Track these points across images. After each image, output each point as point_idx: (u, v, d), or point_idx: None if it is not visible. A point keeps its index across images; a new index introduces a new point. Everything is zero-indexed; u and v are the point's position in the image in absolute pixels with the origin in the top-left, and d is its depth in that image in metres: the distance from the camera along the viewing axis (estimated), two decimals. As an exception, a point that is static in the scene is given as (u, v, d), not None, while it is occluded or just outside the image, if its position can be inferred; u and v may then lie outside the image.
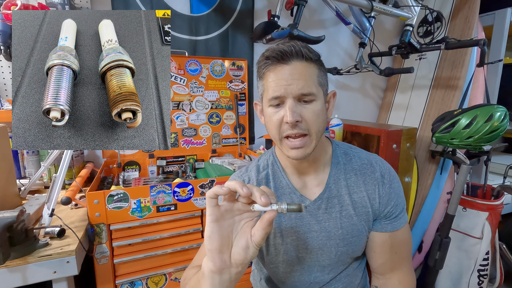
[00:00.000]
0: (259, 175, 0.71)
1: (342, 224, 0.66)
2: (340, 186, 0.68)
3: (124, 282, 1.02)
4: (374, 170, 0.68)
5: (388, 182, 0.67)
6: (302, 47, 0.59)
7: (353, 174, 0.68)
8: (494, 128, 1.18)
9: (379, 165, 0.69)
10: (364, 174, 0.68)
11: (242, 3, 1.62)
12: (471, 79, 1.59)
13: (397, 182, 0.69)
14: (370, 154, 0.72)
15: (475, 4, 1.60)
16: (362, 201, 0.67)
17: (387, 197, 0.67)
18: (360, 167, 0.69)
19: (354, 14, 1.52)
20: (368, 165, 0.69)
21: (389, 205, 0.67)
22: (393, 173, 0.70)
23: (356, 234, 0.67)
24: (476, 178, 1.81)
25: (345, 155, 0.71)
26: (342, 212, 0.67)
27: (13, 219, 0.71)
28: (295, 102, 0.58)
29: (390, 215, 0.68)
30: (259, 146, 1.74)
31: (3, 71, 1.26)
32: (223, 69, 1.58)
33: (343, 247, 0.67)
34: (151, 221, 1.03)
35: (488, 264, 1.46)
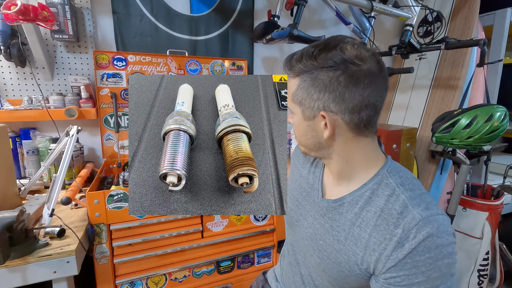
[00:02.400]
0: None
1: (326, 239, 0.61)
2: (352, 210, 0.59)
3: (124, 282, 1.02)
4: (398, 225, 0.51)
5: (410, 249, 0.49)
6: (287, 62, 0.59)
7: (373, 211, 0.55)
8: (494, 128, 1.18)
9: (416, 225, 0.49)
10: (383, 219, 0.53)
11: (242, 3, 1.62)
12: (471, 79, 1.59)
13: (430, 260, 0.48)
14: (424, 209, 0.51)
15: (475, 4, 1.60)
16: (358, 242, 0.56)
17: (394, 263, 0.50)
18: (386, 210, 0.54)
19: (354, 14, 1.52)
20: (396, 214, 0.52)
21: (395, 273, 0.51)
22: (431, 246, 0.48)
23: (332, 259, 0.60)
24: (476, 178, 1.81)
25: (387, 187, 0.56)
26: (333, 231, 0.61)
27: (13, 219, 0.71)
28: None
29: (395, 286, 0.51)
30: (259, 146, 1.73)
31: (3, 71, 1.26)
32: (223, 69, 1.57)
33: (318, 258, 0.63)
34: (151, 221, 1.03)
35: (488, 264, 1.46)
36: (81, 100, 1.31)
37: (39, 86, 1.29)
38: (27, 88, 1.31)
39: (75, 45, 1.35)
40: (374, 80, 0.53)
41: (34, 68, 1.28)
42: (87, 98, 1.31)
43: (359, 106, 0.53)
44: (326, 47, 0.54)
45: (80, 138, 1.39)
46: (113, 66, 1.35)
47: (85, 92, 1.31)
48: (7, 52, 1.17)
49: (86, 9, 1.34)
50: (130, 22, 1.42)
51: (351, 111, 0.54)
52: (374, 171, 0.59)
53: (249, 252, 1.21)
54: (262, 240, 1.24)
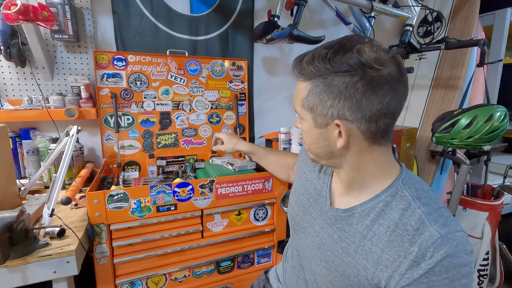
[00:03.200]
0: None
1: (335, 250, 0.59)
2: (362, 222, 0.55)
3: (124, 282, 1.02)
4: (414, 242, 0.48)
5: (427, 269, 0.46)
6: (296, 64, 0.55)
7: (386, 225, 0.52)
8: (494, 128, 1.18)
9: (434, 244, 0.46)
10: (397, 235, 0.50)
11: (242, 3, 1.62)
12: (471, 79, 1.59)
13: (447, 280, 0.45)
14: (442, 226, 0.48)
15: (475, 4, 1.60)
16: (369, 256, 0.52)
17: (409, 282, 0.47)
18: (400, 224, 0.51)
19: (354, 14, 1.52)
20: (412, 231, 0.49)
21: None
22: (449, 267, 0.45)
23: (340, 271, 0.57)
24: (476, 178, 1.81)
25: (402, 199, 0.53)
26: (342, 243, 0.57)
27: (13, 219, 0.71)
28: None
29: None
30: (259, 146, 1.74)
31: (3, 71, 1.26)
32: (223, 69, 1.57)
33: (325, 269, 0.61)
34: (151, 221, 1.03)
35: (488, 264, 1.46)
36: (81, 100, 1.31)
37: (39, 86, 1.29)
38: (27, 88, 1.31)
39: (75, 45, 1.35)
40: (394, 87, 0.49)
41: (34, 68, 1.28)
42: (87, 98, 1.31)
43: (377, 114, 0.49)
44: (342, 48, 0.50)
45: (80, 138, 1.39)
46: (113, 66, 1.35)
47: (85, 92, 1.31)
48: (7, 52, 1.17)
49: (86, 9, 1.34)
50: (130, 22, 1.42)
51: (368, 119, 0.50)
52: (388, 182, 0.56)
53: (249, 252, 1.21)
54: (262, 240, 1.24)
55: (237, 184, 1.13)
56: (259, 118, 1.78)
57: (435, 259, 0.46)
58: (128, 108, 1.40)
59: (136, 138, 1.43)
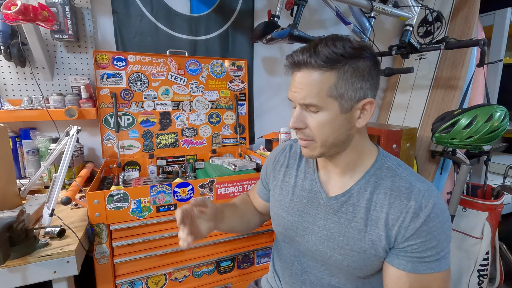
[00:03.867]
0: (297, 149, 0.79)
1: (347, 233, 0.63)
2: (362, 198, 0.63)
3: (124, 282, 1.02)
4: (410, 198, 0.58)
5: (424, 217, 0.56)
6: (316, 55, 0.55)
7: (383, 192, 0.61)
8: (494, 128, 1.18)
9: (423, 195, 0.58)
10: (396, 197, 0.60)
11: (242, 3, 1.62)
12: (471, 79, 1.59)
13: (439, 224, 0.56)
14: (421, 181, 0.61)
15: (475, 4, 1.60)
16: (379, 223, 0.60)
17: (412, 232, 0.56)
18: (395, 188, 0.60)
19: (354, 14, 1.52)
20: (405, 190, 0.59)
21: (413, 241, 0.57)
22: (438, 211, 0.57)
23: (356, 250, 0.62)
24: (476, 178, 1.81)
25: (387, 170, 0.63)
26: (352, 223, 0.63)
27: (13, 219, 0.71)
28: (302, 109, 0.61)
29: (412, 252, 0.57)
30: (259, 146, 1.74)
31: (3, 71, 1.26)
32: (223, 69, 1.58)
33: (339, 255, 0.64)
34: (151, 221, 1.03)
35: (488, 264, 1.46)
36: (81, 100, 1.31)
37: (39, 86, 1.29)
38: (27, 88, 1.31)
39: (75, 45, 1.35)
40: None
41: (34, 68, 1.28)
42: (87, 98, 1.31)
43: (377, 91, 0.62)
44: (350, 41, 0.57)
45: (80, 138, 1.39)
46: (113, 66, 1.35)
47: (85, 92, 1.31)
48: (7, 52, 1.17)
49: (86, 9, 1.34)
50: (130, 22, 1.42)
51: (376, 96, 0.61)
52: (373, 158, 0.66)
53: (249, 252, 1.21)
54: (262, 240, 1.24)
55: (237, 184, 1.13)
56: (259, 118, 1.78)
57: (428, 208, 0.57)
58: (128, 108, 1.40)
59: (136, 138, 1.43)
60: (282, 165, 0.79)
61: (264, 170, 0.85)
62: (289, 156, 0.80)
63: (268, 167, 0.83)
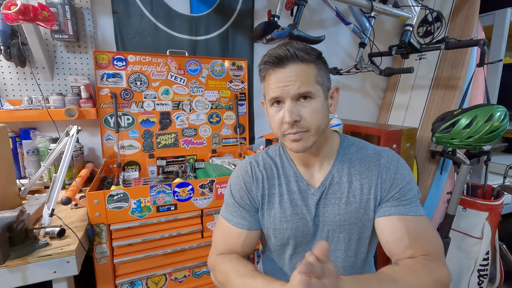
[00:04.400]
0: (268, 160, 0.77)
1: (340, 210, 0.68)
2: (343, 174, 0.70)
3: (124, 282, 1.02)
4: (379, 157, 0.69)
5: (394, 167, 0.67)
6: (297, 50, 0.62)
7: (357, 163, 0.70)
8: (494, 128, 1.18)
9: (387, 154, 0.70)
10: (369, 161, 0.69)
11: (242, 3, 1.62)
12: (471, 79, 1.59)
13: (407, 170, 0.69)
14: (380, 147, 0.73)
15: (475, 4, 1.60)
16: (363, 188, 0.68)
17: (391, 182, 0.67)
18: (365, 156, 0.70)
19: (354, 14, 1.52)
20: (374, 154, 0.70)
21: (393, 191, 0.66)
22: (401, 162, 0.69)
23: (353, 222, 0.68)
24: (476, 178, 1.81)
25: (352, 145, 0.73)
26: (342, 199, 0.68)
27: (13, 219, 0.71)
28: (293, 102, 0.63)
29: (395, 199, 0.66)
30: (259, 146, 1.74)
31: (3, 71, 1.26)
32: (223, 69, 1.57)
33: (340, 233, 0.69)
34: (151, 221, 1.03)
35: (488, 264, 1.46)
36: (81, 100, 1.31)
37: (39, 86, 1.29)
38: (27, 88, 1.31)
39: (75, 45, 1.35)
40: None
41: (34, 68, 1.28)
42: (87, 98, 1.31)
43: None
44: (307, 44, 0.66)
45: (80, 138, 1.39)
46: (113, 66, 1.35)
47: (85, 92, 1.31)
48: (7, 52, 1.17)
49: (86, 9, 1.34)
50: (130, 22, 1.42)
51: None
52: (338, 138, 0.74)
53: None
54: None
55: (237, 184, 1.13)
56: (259, 118, 1.78)
57: (395, 160, 0.69)
58: (128, 108, 1.40)
59: (136, 138, 1.43)
60: (263, 180, 0.73)
61: (242, 195, 0.74)
62: (264, 169, 0.74)
63: (248, 190, 0.74)
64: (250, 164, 0.76)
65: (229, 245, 0.74)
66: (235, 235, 0.73)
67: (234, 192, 0.76)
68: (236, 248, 0.74)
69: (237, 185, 0.75)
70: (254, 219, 0.75)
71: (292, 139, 0.64)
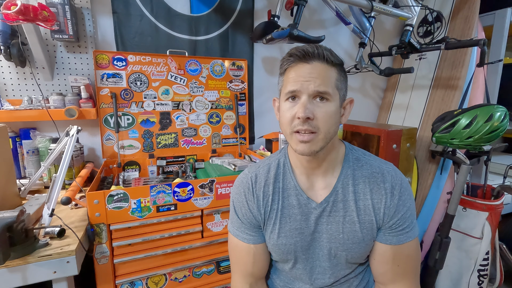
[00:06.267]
0: (269, 174, 0.75)
1: (344, 229, 0.68)
2: (347, 192, 0.68)
3: (124, 282, 1.02)
4: (385, 180, 0.67)
5: (398, 194, 0.66)
6: (325, 50, 0.63)
7: (362, 181, 0.68)
8: (494, 128, 1.18)
9: (391, 176, 0.68)
10: (373, 182, 0.68)
11: (242, 3, 1.62)
12: (471, 79, 1.59)
13: (408, 195, 0.68)
14: (384, 163, 0.71)
15: (475, 4, 1.60)
16: (367, 209, 0.67)
17: (394, 209, 0.66)
18: (370, 175, 0.68)
19: (354, 14, 1.52)
20: (378, 174, 0.68)
21: (396, 217, 0.66)
22: (405, 185, 0.68)
23: (356, 241, 0.68)
24: (476, 178, 1.81)
25: (357, 160, 0.71)
26: (346, 218, 0.68)
27: (13, 219, 0.71)
28: (309, 99, 0.62)
29: (396, 227, 0.67)
30: (259, 146, 1.74)
31: (3, 71, 1.26)
32: (223, 69, 1.57)
33: (342, 251, 0.69)
34: (151, 221, 1.03)
35: (488, 264, 1.46)
36: (81, 100, 1.31)
37: (39, 86, 1.29)
38: (27, 88, 1.31)
39: (75, 45, 1.35)
40: None
41: (34, 68, 1.28)
42: (87, 98, 1.31)
43: None
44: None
45: (80, 138, 1.39)
46: (113, 66, 1.35)
47: (85, 92, 1.31)
48: (7, 52, 1.17)
49: (86, 9, 1.34)
50: (130, 22, 1.42)
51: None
52: (343, 149, 0.72)
53: (249, 252, 1.21)
54: (262, 240, 1.24)
55: (237, 184, 1.13)
56: (259, 118, 1.78)
57: (398, 185, 0.67)
58: (128, 108, 1.40)
59: (136, 138, 1.43)
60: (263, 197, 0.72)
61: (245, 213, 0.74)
62: (265, 185, 0.73)
63: (250, 209, 0.73)
64: (251, 180, 0.74)
65: (241, 265, 0.76)
66: (244, 252, 0.75)
67: (238, 210, 0.76)
68: (247, 268, 0.75)
69: (240, 203, 0.75)
70: (258, 234, 0.75)
71: (300, 140, 0.62)
